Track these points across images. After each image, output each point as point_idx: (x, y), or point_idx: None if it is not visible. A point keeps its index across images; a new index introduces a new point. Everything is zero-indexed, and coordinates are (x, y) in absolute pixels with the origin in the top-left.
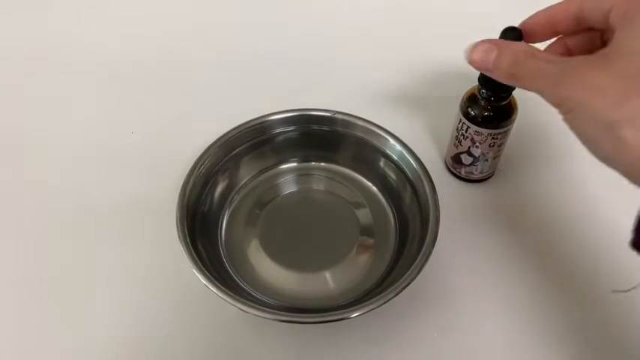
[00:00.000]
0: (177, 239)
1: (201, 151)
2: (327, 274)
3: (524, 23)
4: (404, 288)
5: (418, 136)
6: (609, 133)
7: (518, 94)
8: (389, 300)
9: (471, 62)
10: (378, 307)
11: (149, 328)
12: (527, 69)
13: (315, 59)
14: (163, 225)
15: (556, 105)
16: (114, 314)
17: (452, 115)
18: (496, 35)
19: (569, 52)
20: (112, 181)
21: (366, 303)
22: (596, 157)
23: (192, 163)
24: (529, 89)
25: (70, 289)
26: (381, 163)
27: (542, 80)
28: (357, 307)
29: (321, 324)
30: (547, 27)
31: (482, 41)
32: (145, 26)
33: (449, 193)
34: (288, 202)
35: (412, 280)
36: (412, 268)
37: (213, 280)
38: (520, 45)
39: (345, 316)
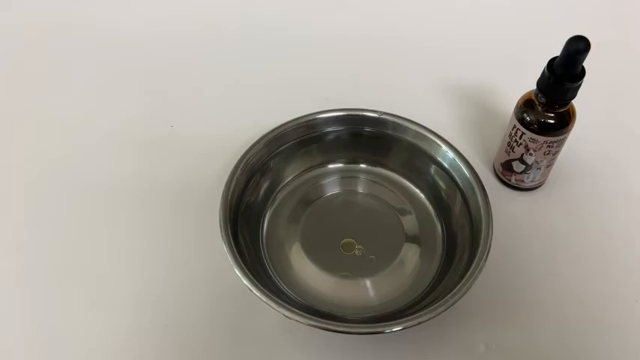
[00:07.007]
0: (219, 235)
1: (246, 146)
2: (368, 282)
3: None
4: (456, 301)
5: (465, 140)
6: None
7: (577, 101)
8: (440, 313)
9: None
10: (429, 319)
11: (183, 321)
12: None
13: (369, 61)
14: (205, 218)
15: None
16: (149, 307)
17: (500, 119)
18: (552, 41)
19: None
20: (153, 174)
21: (416, 315)
22: None
23: (237, 159)
24: None
25: (106, 282)
26: (431, 170)
27: None
28: (406, 319)
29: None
30: None
31: None
32: (187, 19)
33: (497, 200)
34: (332, 203)
35: (465, 292)
36: (464, 280)
37: (255, 282)
38: None
39: (392, 328)
